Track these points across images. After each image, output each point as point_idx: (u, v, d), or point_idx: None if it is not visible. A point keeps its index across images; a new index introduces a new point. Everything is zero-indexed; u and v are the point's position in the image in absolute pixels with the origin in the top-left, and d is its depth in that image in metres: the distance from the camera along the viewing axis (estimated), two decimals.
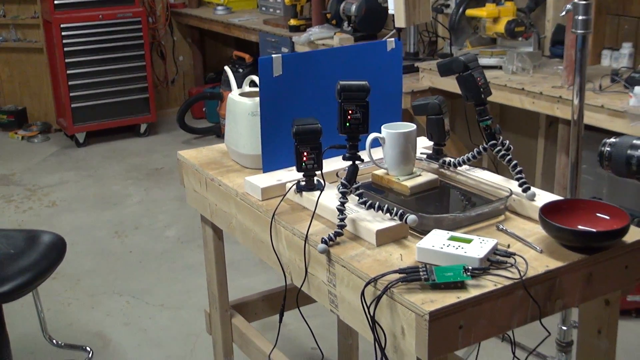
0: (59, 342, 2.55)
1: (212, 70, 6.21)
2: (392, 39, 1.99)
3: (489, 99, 1.73)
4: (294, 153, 1.71)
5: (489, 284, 1.35)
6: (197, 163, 2.09)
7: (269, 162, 1.89)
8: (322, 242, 1.52)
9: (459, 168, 1.82)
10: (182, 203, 4.30)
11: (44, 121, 5.87)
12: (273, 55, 1.80)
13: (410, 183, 1.75)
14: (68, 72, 5.28)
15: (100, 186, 4.67)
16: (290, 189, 1.76)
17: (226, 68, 2.19)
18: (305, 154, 1.70)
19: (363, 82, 1.54)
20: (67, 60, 5.25)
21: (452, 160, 1.84)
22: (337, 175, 1.78)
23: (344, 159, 1.58)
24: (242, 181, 1.88)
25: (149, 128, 5.69)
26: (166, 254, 3.67)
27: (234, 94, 2.05)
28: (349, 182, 1.57)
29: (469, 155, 1.79)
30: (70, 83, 5.31)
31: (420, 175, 1.79)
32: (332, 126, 1.59)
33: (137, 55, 5.48)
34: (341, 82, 1.54)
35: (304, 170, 1.71)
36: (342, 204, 1.56)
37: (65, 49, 5.23)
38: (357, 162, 1.58)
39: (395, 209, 1.54)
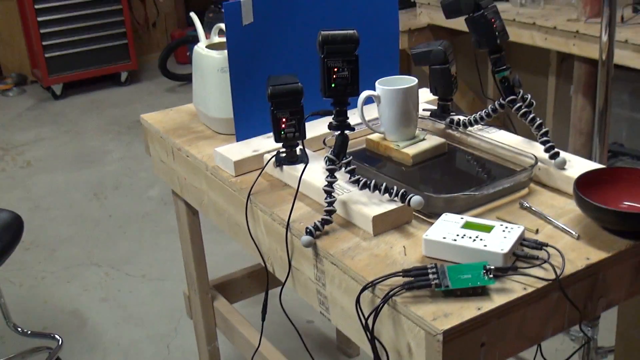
0: (25, 331, 2.29)
1: (195, 11, 5.81)
2: None
3: None
4: (270, 118, 1.41)
5: (517, 287, 1.07)
6: (162, 129, 1.79)
7: (243, 129, 1.58)
8: (306, 232, 1.23)
9: (469, 128, 1.52)
10: None
11: (19, 72, 5.52)
12: (241, 0, 1.48)
13: (412, 150, 1.45)
14: (39, 19, 4.92)
15: (78, 142, 4.37)
16: (268, 162, 1.46)
17: (192, 15, 1.87)
18: (284, 120, 1.40)
19: (350, 31, 1.23)
20: (36, 6, 4.88)
21: (461, 118, 1.54)
22: (324, 143, 1.48)
23: (330, 127, 1.28)
24: (211, 150, 1.59)
25: (130, 76, 5.35)
26: (148, 216, 3.39)
27: (201, 46, 1.73)
28: (337, 156, 1.27)
29: (482, 113, 1.49)
30: (42, 31, 4.95)
31: (424, 139, 1.49)
32: (317, 85, 1.29)
33: None
34: (323, 32, 1.23)
35: (284, 140, 1.41)
36: (330, 184, 1.26)
37: None
38: (346, 131, 1.27)
39: (395, 187, 1.24)
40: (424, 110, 1.61)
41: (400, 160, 1.46)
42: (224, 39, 1.75)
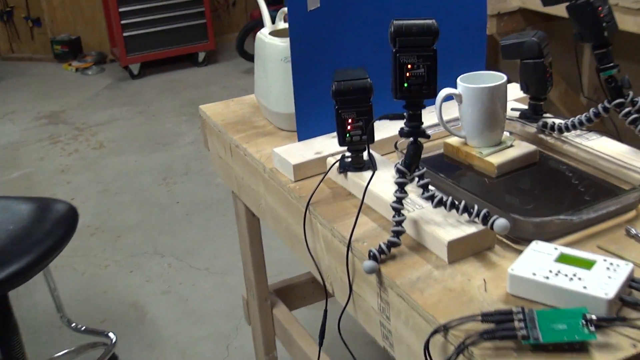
0: (80, 327, 2.20)
1: None
2: None
3: None
4: (334, 117, 1.23)
5: (625, 343, 0.86)
6: (220, 122, 1.63)
7: (305, 127, 1.41)
8: (369, 256, 1.06)
9: (565, 133, 1.31)
10: None
11: (99, 51, 5.50)
12: None
13: (497, 159, 1.25)
14: None
15: (151, 124, 4.29)
16: (331, 167, 1.28)
17: None
18: (349, 121, 1.22)
19: (428, 21, 1.04)
20: None
21: (556, 122, 1.32)
22: (395, 147, 1.30)
23: (401, 134, 1.09)
24: (271, 149, 1.42)
25: (208, 57, 5.25)
26: (216, 205, 3.27)
27: (264, 32, 1.57)
28: (409, 167, 1.09)
29: (582, 117, 1.27)
30: (121, 9, 4.89)
31: (511, 145, 1.29)
32: (389, 82, 1.10)
33: None
34: (395, 22, 1.04)
35: (349, 143, 1.24)
36: (399, 200, 1.08)
37: None
38: (419, 139, 1.08)
39: (475, 207, 1.05)
40: (512, 109, 1.40)
41: (483, 170, 1.26)
42: None
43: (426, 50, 1.03)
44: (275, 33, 1.55)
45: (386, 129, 1.38)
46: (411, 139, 1.08)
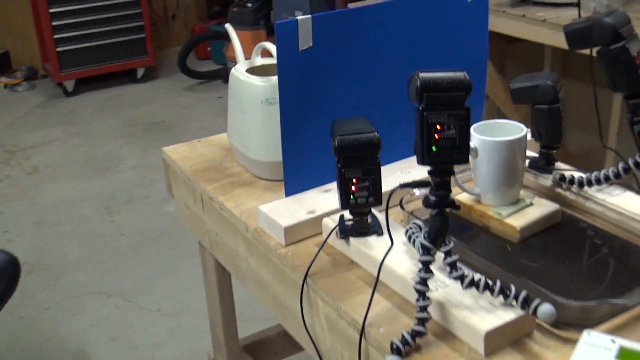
0: None
1: (217, 4, 5.47)
2: None
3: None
4: (336, 176, 1.07)
5: None
6: (189, 169, 1.45)
7: (294, 182, 1.25)
8: (392, 350, 0.90)
9: (585, 188, 1.18)
10: None
11: (30, 66, 5.19)
12: (298, 18, 1.13)
13: (518, 221, 1.11)
14: (51, 10, 4.57)
15: (90, 146, 4.04)
16: (330, 234, 1.12)
17: (227, 26, 1.52)
18: (354, 180, 1.06)
19: (459, 73, 0.89)
20: None
21: (575, 175, 1.19)
22: (401, 206, 1.14)
23: (426, 204, 0.93)
24: (255, 207, 1.25)
25: (147, 72, 5.01)
26: (165, 236, 3.06)
27: (239, 69, 1.39)
28: (434, 242, 0.93)
29: (610, 172, 1.15)
30: (54, 23, 4.60)
31: (531, 204, 1.15)
32: (393, 132, 0.95)
33: None
34: (422, 74, 0.88)
35: (353, 206, 1.08)
36: (424, 280, 0.92)
37: None
38: (447, 209, 0.93)
39: (512, 288, 0.90)
40: None
41: (502, 233, 1.12)
42: (269, 61, 1.41)
43: (458, 107, 0.88)
44: (252, 70, 1.38)
45: (384, 179, 1.22)
46: (436, 210, 0.93)
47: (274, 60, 1.40)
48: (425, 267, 0.93)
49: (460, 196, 1.19)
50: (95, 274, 2.82)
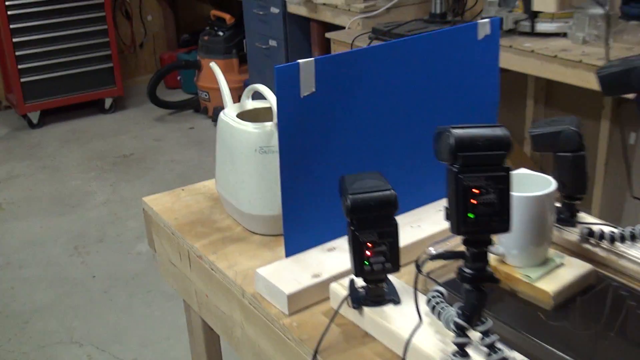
0: None
1: (186, 31, 5.35)
2: (486, 19, 1.21)
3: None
4: (348, 240, 0.95)
5: None
6: (173, 223, 1.32)
7: (295, 240, 1.12)
8: None
9: (617, 243, 1.08)
10: None
11: None
12: (300, 62, 1.02)
13: (551, 285, 1.00)
14: (14, 39, 4.41)
15: (57, 181, 3.87)
16: (342, 303, 1.00)
17: (213, 65, 1.40)
18: (369, 245, 0.94)
19: (497, 130, 0.78)
20: (12, 26, 4.38)
21: (604, 229, 1.09)
22: (417, 268, 1.02)
23: (462, 278, 0.81)
24: (251, 267, 1.13)
25: (115, 103, 4.86)
26: (138, 278, 2.91)
27: (229, 114, 1.27)
28: (470, 320, 0.82)
29: None
30: (17, 53, 4.44)
31: (561, 264, 1.04)
32: (405, 185, 0.84)
33: (97, 17, 4.61)
34: (455, 131, 0.77)
35: (368, 273, 0.95)
36: None
37: (10, 12, 4.35)
38: (485, 284, 0.81)
39: None
40: None
41: (533, 299, 1.00)
42: (261, 104, 1.29)
43: (497, 169, 0.77)
44: (243, 115, 1.26)
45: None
46: (471, 285, 0.81)
47: (266, 104, 1.29)
48: (462, 350, 0.81)
49: None
50: (66, 321, 2.65)
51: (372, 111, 1.11)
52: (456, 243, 1.09)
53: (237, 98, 1.29)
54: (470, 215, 0.77)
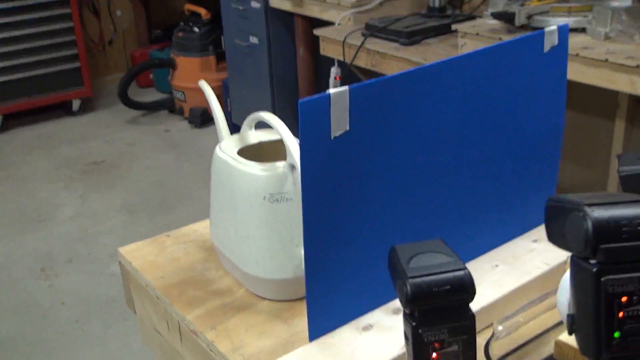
0: None
1: (158, 27, 5.03)
2: (553, 27, 0.96)
3: None
4: (407, 339, 0.70)
5: None
6: (158, 283, 1.05)
7: (321, 318, 0.86)
8: None
9: None
10: (131, 216, 3.25)
11: None
12: (331, 92, 0.76)
13: None
14: None
15: (21, 193, 3.57)
16: None
17: (201, 83, 1.13)
18: (436, 345, 0.68)
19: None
20: None
21: None
22: (486, 354, 0.78)
23: None
24: (262, 350, 0.87)
25: (84, 104, 4.55)
26: (114, 303, 2.63)
27: (227, 150, 1.00)
28: None
29: None
30: None
31: None
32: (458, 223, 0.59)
33: (62, 14, 4.28)
34: (592, 212, 0.52)
35: None
36: None
37: None
38: None
39: None
40: None
41: None
42: (267, 136, 1.03)
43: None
44: (245, 151, 1.00)
45: None
46: None
47: (274, 135, 1.03)
48: None
49: (565, 337, 0.83)
50: (32, 355, 2.37)
51: (418, 151, 0.86)
52: (530, 316, 0.85)
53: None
54: (616, 335, 0.52)
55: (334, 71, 2.79)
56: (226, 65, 3.86)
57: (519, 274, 0.95)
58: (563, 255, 1.00)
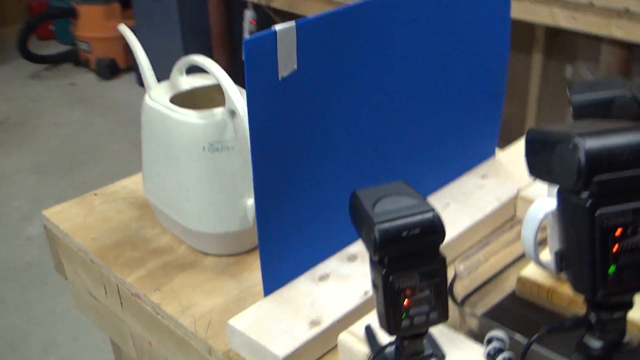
0: None
1: None
2: None
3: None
4: (376, 288, 0.66)
5: None
6: (91, 245, 0.98)
7: (275, 272, 0.82)
8: None
9: None
10: (42, 176, 3.10)
11: None
12: (277, 29, 0.70)
13: (637, 313, 0.74)
14: None
15: None
16: None
17: (121, 27, 1.04)
18: (407, 292, 0.65)
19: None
20: None
21: None
22: (454, 300, 0.75)
23: (587, 358, 0.54)
24: (213, 309, 0.82)
25: None
26: (32, 268, 2.52)
27: (157, 97, 0.93)
28: None
29: None
30: None
31: None
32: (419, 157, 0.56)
33: None
34: (586, 142, 0.48)
35: (407, 329, 0.67)
36: None
37: None
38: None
39: None
40: None
41: None
42: (200, 81, 0.96)
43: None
44: (178, 99, 0.93)
45: None
46: None
47: (207, 80, 0.96)
48: None
49: (527, 271, 0.81)
50: None
51: (368, 89, 0.81)
52: (489, 254, 0.83)
53: (121, 48, 0.95)
54: (612, 270, 0.49)
55: (248, 14, 2.70)
56: (132, 12, 3.69)
57: (471, 211, 0.92)
58: (514, 189, 0.98)
